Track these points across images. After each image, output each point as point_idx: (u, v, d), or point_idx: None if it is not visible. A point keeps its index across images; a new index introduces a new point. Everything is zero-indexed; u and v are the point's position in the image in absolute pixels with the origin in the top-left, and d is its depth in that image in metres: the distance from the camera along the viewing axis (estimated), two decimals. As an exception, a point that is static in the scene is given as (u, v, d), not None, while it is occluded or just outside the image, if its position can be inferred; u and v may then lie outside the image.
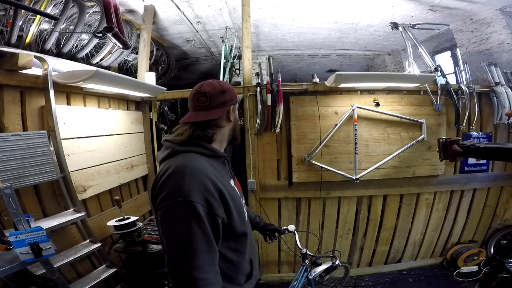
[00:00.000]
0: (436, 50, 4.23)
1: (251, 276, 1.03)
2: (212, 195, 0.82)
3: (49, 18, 1.89)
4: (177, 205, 0.79)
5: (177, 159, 0.90)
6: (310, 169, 2.57)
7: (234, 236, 0.93)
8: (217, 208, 0.83)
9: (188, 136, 0.95)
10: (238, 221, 0.92)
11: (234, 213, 0.89)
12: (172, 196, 0.81)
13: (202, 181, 0.82)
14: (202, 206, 0.79)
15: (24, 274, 1.38)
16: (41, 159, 1.61)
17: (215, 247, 0.82)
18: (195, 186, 0.80)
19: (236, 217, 0.91)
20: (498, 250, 1.48)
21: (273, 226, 1.51)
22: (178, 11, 3.08)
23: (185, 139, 0.95)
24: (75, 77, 1.77)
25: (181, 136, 0.96)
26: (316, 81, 2.54)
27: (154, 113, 2.89)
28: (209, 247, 0.80)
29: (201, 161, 0.89)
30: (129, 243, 2.04)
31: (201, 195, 0.80)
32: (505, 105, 2.62)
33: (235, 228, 0.91)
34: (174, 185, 0.82)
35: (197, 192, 0.80)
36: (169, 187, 0.82)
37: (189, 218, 0.78)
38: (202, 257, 0.78)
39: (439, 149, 1.62)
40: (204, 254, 0.78)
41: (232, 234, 0.91)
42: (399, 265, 2.92)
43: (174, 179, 0.83)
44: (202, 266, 0.78)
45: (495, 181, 2.83)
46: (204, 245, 0.79)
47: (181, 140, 0.95)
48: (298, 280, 1.83)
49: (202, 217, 0.79)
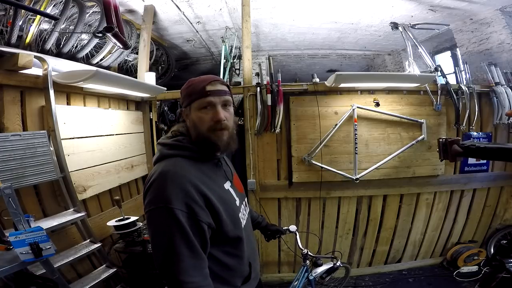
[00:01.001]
0: (436, 50, 4.23)
1: (249, 279, 1.01)
2: (194, 201, 0.81)
3: (49, 18, 1.89)
4: (159, 211, 0.80)
5: (163, 163, 0.89)
6: (310, 169, 2.57)
7: (227, 240, 0.91)
8: (200, 213, 0.82)
9: (172, 134, 0.98)
10: (230, 225, 0.90)
11: (224, 218, 0.88)
12: (154, 202, 0.81)
13: (183, 187, 0.81)
14: (183, 212, 0.79)
15: (24, 274, 1.38)
16: (41, 159, 1.60)
17: (199, 252, 0.81)
18: (175, 192, 0.80)
19: (228, 222, 0.89)
20: (498, 250, 1.48)
21: (274, 226, 1.51)
22: (178, 11, 3.07)
23: (172, 142, 0.94)
24: (75, 77, 1.77)
25: (168, 134, 0.99)
26: (316, 81, 2.54)
27: (154, 113, 2.89)
28: (193, 252, 0.80)
29: (186, 165, 0.88)
30: (129, 243, 2.04)
31: (181, 201, 0.79)
32: (505, 105, 2.62)
33: (226, 233, 0.89)
34: (157, 191, 0.82)
35: (178, 198, 0.79)
36: (153, 192, 0.83)
37: (170, 224, 0.78)
38: (186, 262, 0.78)
39: (439, 149, 1.62)
40: (187, 259, 0.78)
41: (224, 238, 0.90)
42: (399, 265, 2.92)
43: (157, 184, 0.83)
44: (188, 270, 0.78)
45: (495, 181, 2.83)
46: (187, 251, 0.78)
47: (170, 143, 0.94)
48: (299, 281, 1.83)
49: (183, 223, 0.78)
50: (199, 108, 0.91)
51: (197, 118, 0.92)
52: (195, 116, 0.92)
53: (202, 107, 0.91)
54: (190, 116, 0.94)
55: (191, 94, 0.93)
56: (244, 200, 1.10)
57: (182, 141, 0.94)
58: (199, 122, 0.91)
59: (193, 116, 0.93)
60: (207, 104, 0.91)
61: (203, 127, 0.91)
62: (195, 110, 0.92)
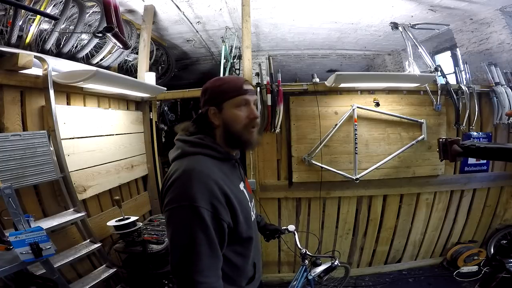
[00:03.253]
0: (436, 50, 4.23)
1: (253, 279, 1.02)
2: (218, 200, 0.81)
3: (49, 18, 1.89)
4: (182, 209, 0.79)
5: (185, 161, 0.88)
6: (310, 169, 2.57)
7: (239, 240, 0.92)
8: (222, 213, 0.82)
9: (188, 133, 0.97)
10: (245, 225, 0.91)
11: (240, 218, 0.88)
12: (178, 200, 0.80)
13: (209, 186, 0.81)
14: (208, 211, 0.79)
15: (24, 274, 1.38)
16: (41, 159, 1.60)
17: (218, 252, 0.82)
18: (201, 190, 0.80)
19: (243, 222, 0.90)
20: (498, 250, 1.48)
21: (273, 226, 1.51)
22: (178, 11, 3.07)
23: (195, 140, 0.93)
24: (75, 77, 1.77)
25: (183, 132, 0.98)
26: (316, 81, 2.54)
27: (154, 113, 2.89)
28: (212, 252, 0.80)
29: (210, 164, 0.88)
30: (129, 243, 2.04)
31: (207, 200, 0.79)
32: (505, 105, 2.62)
33: (241, 233, 0.90)
34: (181, 188, 0.81)
35: (203, 197, 0.79)
36: (176, 190, 0.82)
37: (194, 223, 0.78)
38: (205, 261, 0.78)
39: (439, 149, 1.62)
40: (206, 258, 0.78)
41: (237, 238, 0.90)
42: (399, 265, 2.92)
43: (181, 182, 0.82)
44: (204, 270, 0.78)
45: (495, 181, 2.83)
46: (207, 250, 0.79)
47: (193, 140, 0.93)
48: (297, 280, 1.83)
49: (207, 222, 0.79)
50: (236, 105, 0.91)
51: (233, 116, 0.91)
52: (230, 114, 0.92)
53: (239, 105, 0.92)
54: (222, 114, 0.92)
55: (226, 92, 0.92)
56: (252, 200, 1.11)
57: (205, 139, 0.93)
58: (234, 119, 0.91)
59: (226, 114, 0.92)
60: (244, 102, 0.92)
61: (239, 125, 0.92)
62: (231, 107, 0.92)
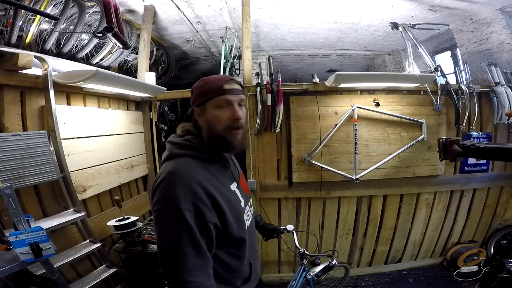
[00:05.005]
0: (436, 50, 4.23)
1: (249, 280, 1.02)
2: (201, 201, 0.82)
3: (49, 18, 1.89)
4: (167, 210, 0.80)
5: (172, 162, 0.89)
6: (310, 169, 2.57)
7: (231, 241, 0.92)
8: (207, 214, 0.82)
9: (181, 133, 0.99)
10: (235, 226, 0.91)
11: (229, 219, 0.88)
12: (162, 201, 0.82)
13: (192, 188, 0.82)
14: (190, 212, 0.80)
15: (24, 274, 1.38)
16: (41, 159, 1.61)
17: (205, 252, 0.82)
18: (184, 192, 0.80)
19: (233, 223, 0.90)
20: (498, 250, 1.48)
21: (272, 225, 1.51)
22: (178, 11, 3.07)
23: (182, 142, 0.93)
24: (75, 77, 1.77)
25: (178, 132, 1.00)
26: (316, 81, 2.54)
27: (154, 113, 2.90)
28: (198, 252, 0.81)
29: (195, 166, 0.88)
30: (129, 243, 2.04)
31: (189, 202, 0.80)
32: (505, 105, 2.62)
33: (231, 233, 0.90)
34: (165, 190, 0.82)
35: (186, 199, 0.80)
36: (161, 192, 0.83)
37: (177, 224, 0.79)
38: (191, 261, 0.79)
39: (439, 149, 1.62)
40: (193, 258, 0.79)
41: (228, 239, 0.90)
42: (399, 265, 2.92)
43: (165, 184, 0.83)
44: (192, 269, 0.79)
45: (495, 181, 2.83)
46: (192, 250, 0.79)
47: (180, 142, 0.94)
48: (296, 280, 1.83)
49: (190, 223, 0.79)
50: (216, 106, 0.90)
51: (213, 117, 0.90)
52: (211, 115, 0.90)
53: (219, 106, 0.90)
54: (204, 115, 0.92)
55: (207, 92, 0.90)
56: (249, 201, 1.10)
57: (192, 141, 0.93)
58: (215, 121, 0.90)
59: (208, 115, 0.91)
60: (224, 103, 0.89)
61: (220, 126, 0.89)
62: (212, 108, 0.90)
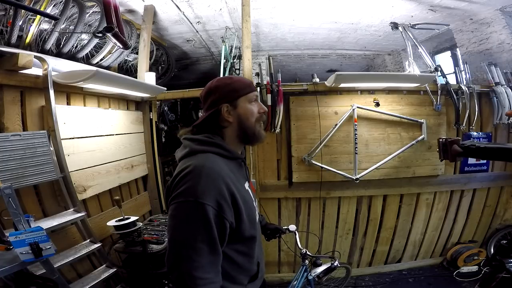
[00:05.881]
0: (436, 50, 4.23)
1: (255, 278, 1.02)
2: (224, 199, 0.82)
3: (49, 18, 1.89)
4: (188, 204, 0.79)
5: (195, 158, 0.88)
6: (310, 169, 2.57)
7: (242, 239, 0.92)
8: (227, 212, 0.82)
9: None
10: (248, 224, 0.91)
11: (244, 217, 0.88)
12: (185, 194, 0.80)
13: (217, 184, 0.81)
14: (213, 209, 0.79)
15: (24, 274, 1.38)
16: (41, 159, 1.61)
17: (218, 250, 0.82)
18: (209, 188, 0.80)
19: (246, 221, 0.90)
20: (498, 250, 1.48)
21: (274, 225, 1.51)
22: (178, 11, 3.07)
23: (203, 138, 0.93)
24: (75, 77, 1.77)
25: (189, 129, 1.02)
26: (316, 81, 2.54)
27: (154, 113, 2.90)
28: (213, 249, 0.80)
29: (219, 162, 0.88)
30: (129, 243, 2.04)
31: (213, 198, 0.80)
32: (505, 105, 2.62)
33: (243, 232, 0.90)
34: (190, 184, 0.81)
35: (210, 195, 0.79)
36: (184, 185, 0.81)
37: (197, 219, 0.78)
38: (205, 257, 0.78)
39: (439, 149, 1.62)
40: (207, 255, 0.79)
41: (240, 237, 0.90)
42: (399, 265, 2.92)
43: (191, 178, 0.82)
44: (204, 266, 0.78)
45: (495, 181, 2.83)
46: (208, 247, 0.79)
47: (201, 139, 0.93)
48: (298, 280, 1.83)
49: (211, 220, 0.79)
50: (250, 101, 0.97)
51: (248, 111, 0.96)
52: (245, 109, 0.96)
53: (251, 100, 0.98)
54: (236, 110, 0.96)
55: (240, 89, 0.96)
56: (256, 200, 1.11)
57: (213, 137, 0.94)
58: (250, 114, 0.96)
59: (240, 110, 0.96)
60: (255, 98, 0.99)
61: (252, 119, 0.97)
62: (245, 103, 0.97)
